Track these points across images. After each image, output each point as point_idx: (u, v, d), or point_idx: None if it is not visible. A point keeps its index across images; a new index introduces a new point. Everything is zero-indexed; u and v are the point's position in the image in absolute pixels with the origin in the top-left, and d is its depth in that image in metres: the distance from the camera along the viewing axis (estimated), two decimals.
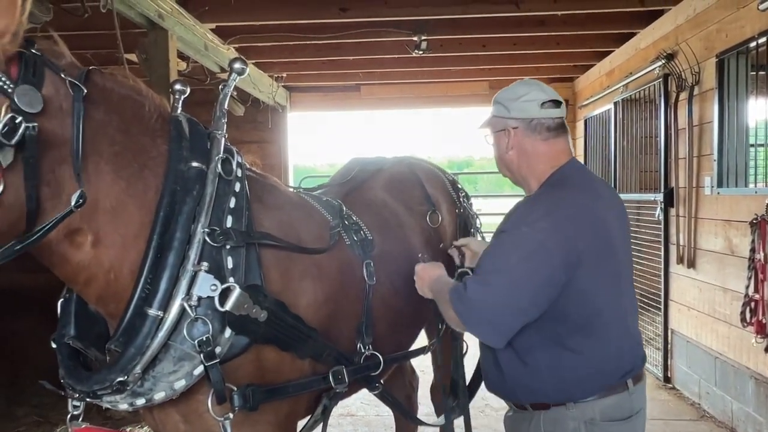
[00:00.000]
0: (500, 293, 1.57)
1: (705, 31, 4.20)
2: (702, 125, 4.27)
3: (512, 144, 1.73)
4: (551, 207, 1.63)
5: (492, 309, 1.59)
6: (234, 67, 1.65)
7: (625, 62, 5.82)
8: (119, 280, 1.41)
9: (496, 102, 1.77)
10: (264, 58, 6.24)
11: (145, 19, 4.11)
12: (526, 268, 1.56)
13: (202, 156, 1.50)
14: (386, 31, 5.33)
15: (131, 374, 1.38)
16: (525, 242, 1.58)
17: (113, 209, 1.38)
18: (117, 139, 1.39)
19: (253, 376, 1.54)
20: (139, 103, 1.46)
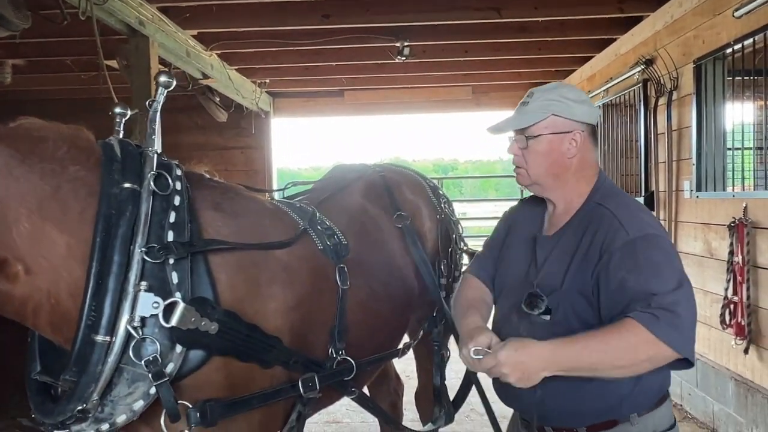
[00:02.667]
0: (692, 300, 1.43)
1: (683, 38, 4.27)
2: (681, 130, 4.34)
3: (578, 148, 1.56)
4: (639, 205, 1.61)
5: (693, 321, 1.42)
6: (160, 81, 1.64)
7: (605, 67, 5.89)
8: (61, 305, 1.43)
9: (554, 100, 1.56)
10: (247, 64, 6.22)
11: (126, 26, 4.09)
12: (682, 268, 1.48)
13: (134, 176, 1.51)
14: (369, 37, 5.34)
15: (89, 401, 1.40)
16: (667, 244, 1.52)
17: (30, 234, 1.39)
18: (13, 166, 1.39)
19: (222, 388, 1.56)
20: (37, 138, 1.46)
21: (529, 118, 1.56)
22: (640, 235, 1.43)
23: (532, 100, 1.58)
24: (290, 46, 5.48)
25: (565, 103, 1.55)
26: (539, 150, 1.56)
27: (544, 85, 1.66)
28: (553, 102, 1.55)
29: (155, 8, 4.31)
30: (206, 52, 5.37)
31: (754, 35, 3.37)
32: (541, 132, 1.55)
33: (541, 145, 1.56)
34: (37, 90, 6.79)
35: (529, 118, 1.57)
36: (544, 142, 1.56)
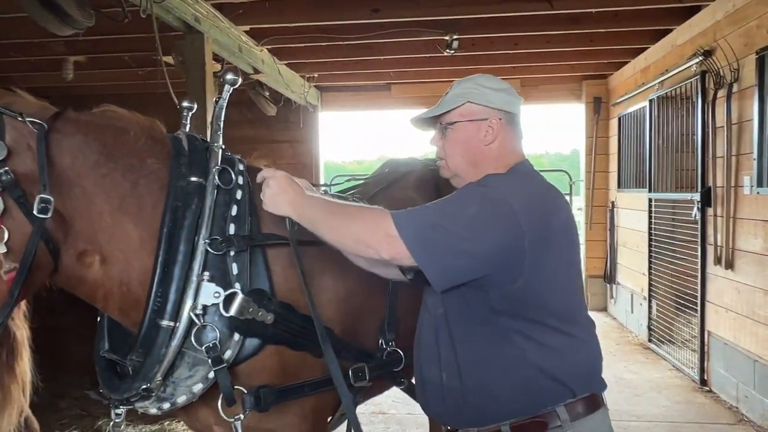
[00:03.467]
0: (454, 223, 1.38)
1: (744, 28, 4.11)
2: (741, 123, 4.18)
3: (495, 136, 1.55)
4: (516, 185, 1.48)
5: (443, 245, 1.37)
6: (227, 79, 1.69)
7: (660, 59, 5.72)
8: (132, 292, 1.51)
9: (470, 88, 1.57)
10: (296, 58, 6.30)
11: (182, 23, 4.20)
12: (485, 211, 1.39)
13: (200, 170, 1.57)
14: (417, 31, 5.34)
15: (153, 381, 1.49)
16: (484, 193, 1.43)
17: (110, 228, 1.47)
18: (102, 162, 1.47)
19: (276, 376, 1.61)
20: (120, 129, 1.54)
21: (444, 106, 1.58)
22: (472, 185, 1.49)
23: (451, 89, 1.60)
24: (340, 40, 5.52)
25: (481, 90, 1.56)
26: (455, 138, 1.57)
27: None
28: (470, 90, 1.57)
29: (210, 5, 4.42)
30: (257, 47, 5.47)
31: None
32: (457, 119, 1.57)
33: (457, 133, 1.57)
34: (96, 85, 7.05)
35: (443, 106, 1.59)
36: (460, 129, 1.57)
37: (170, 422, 4.03)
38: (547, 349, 1.45)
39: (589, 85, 7.64)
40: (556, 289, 1.47)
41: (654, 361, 5.52)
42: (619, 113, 6.94)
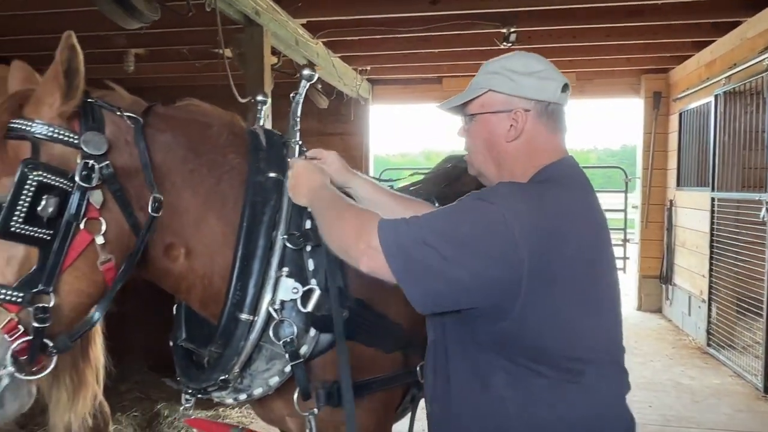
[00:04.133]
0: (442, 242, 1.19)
1: None
2: None
3: (519, 131, 1.33)
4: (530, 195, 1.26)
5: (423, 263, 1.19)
6: (303, 74, 1.69)
7: (728, 53, 5.49)
8: (213, 285, 1.53)
9: (495, 72, 1.35)
10: (350, 51, 6.31)
11: (243, 16, 4.25)
12: (477, 233, 1.20)
13: (278, 166, 1.58)
14: (474, 23, 5.26)
15: (231, 373, 1.51)
16: (482, 211, 1.22)
17: (195, 222, 1.49)
18: (189, 158, 1.49)
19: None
20: (204, 124, 1.56)
21: (465, 95, 1.38)
22: (474, 195, 1.27)
23: (478, 73, 1.39)
24: (396, 33, 5.50)
25: (507, 75, 1.33)
26: (477, 132, 1.38)
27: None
28: (493, 75, 1.34)
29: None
30: (313, 40, 5.49)
31: None
32: (477, 110, 1.36)
33: (478, 126, 1.37)
34: (154, 77, 7.22)
35: (465, 95, 1.38)
36: (481, 122, 1.36)
37: (224, 408, 4.11)
38: (532, 397, 1.25)
39: (648, 80, 7.40)
40: (559, 329, 1.24)
41: (714, 366, 5.32)
42: (680, 109, 6.70)
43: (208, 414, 4.05)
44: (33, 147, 1.25)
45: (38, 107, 1.28)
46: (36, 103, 1.28)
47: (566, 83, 1.36)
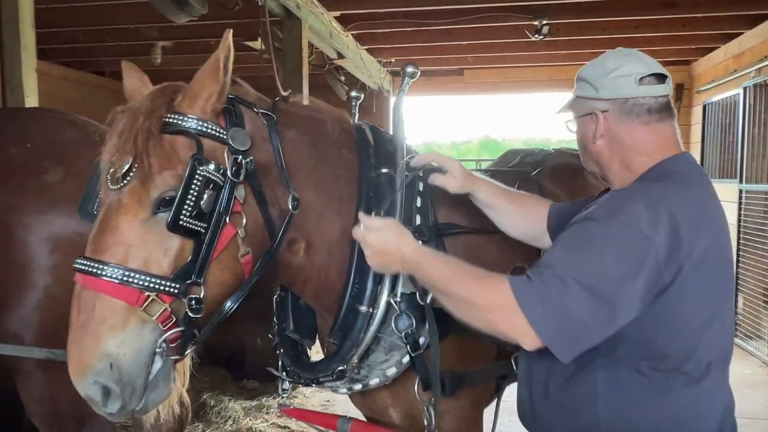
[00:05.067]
0: (587, 297, 1.17)
1: None
2: None
3: (601, 131, 1.37)
4: (652, 200, 1.25)
5: (576, 318, 1.17)
6: (407, 71, 1.71)
7: (758, 45, 5.50)
8: (329, 279, 1.57)
9: (580, 80, 1.43)
10: (377, 44, 6.33)
11: (283, 9, 4.27)
12: (623, 264, 1.19)
13: (389, 161, 1.61)
14: (506, 16, 5.28)
15: (349, 363, 1.55)
16: (621, 233, 1.21)
17: (318, 218, 1.52)
18: (312, 154, 1.53)
19: (454, 361, 1.65)
20: (321, 121, 1.59)
21: (564, 105, 1.50)
22: (602, 216, 1.25)
23: (576, 80, 1.46)
24: (425, 25, 5.52)
25: (585, 81, 1.40)
26: (577, 134, 1.47)
27: None
28: (578, 82, 1.44)
29: None
30: (344, 32, 5.51)
31: None
32: (571, 116, 1.47)
33: (577, 130, 1.47)
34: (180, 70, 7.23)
35: (567, 103, 1.49)
36: (577, 125, 1.46)
37: (267, 398, 4.17)
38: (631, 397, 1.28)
39: (671, 71, 7.29)
40: (686, 332, 1.26)
41: (742, 357, 5.37)
42: (704, 101, 6.72)
43: (252, 404, 4.09)
44: (197, 142, 1.28)
45: (193, 102, 1.31)
46: (191, 98, 1.31)
47: (647, 75, 1.34)
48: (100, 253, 1.24)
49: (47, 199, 1.92)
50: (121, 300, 1.22)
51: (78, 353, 1.22)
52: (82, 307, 1.23)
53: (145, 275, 1.23)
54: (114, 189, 1.26)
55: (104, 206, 1.28)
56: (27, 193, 1.91)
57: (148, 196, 1.25)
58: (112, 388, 1.22)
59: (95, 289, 1.22)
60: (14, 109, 2.47)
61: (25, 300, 1.93)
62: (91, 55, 6.84)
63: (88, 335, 1.21)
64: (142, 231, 1.25)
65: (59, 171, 1.95)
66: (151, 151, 1.25)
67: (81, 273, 1.24)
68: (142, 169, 1.24)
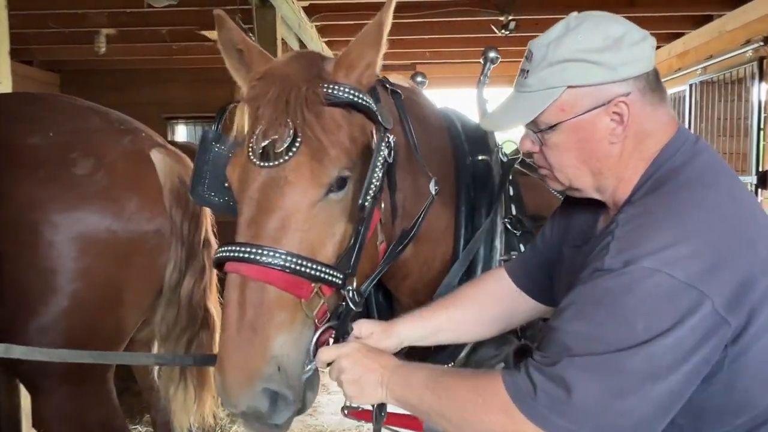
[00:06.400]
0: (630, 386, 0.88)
1: None
2: None
3: (625, 124, 1.00)
4: (683, 222, 0.92)
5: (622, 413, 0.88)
6: (489, 57, 1.69)
7: (703, 45, 5.82)
8: (431, 271, 1.48)
9: (565, 60, 0.98)
10: (338, 36, 6.21)
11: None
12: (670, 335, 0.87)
13: (483, 148, 1.55)
14: (474, 11, 5.31)
15: (457, 359, 1.48)
16: (654, 290, 0.88)
17: (410, 205, 1.38)
18: (423, 140, 1.42)
19: None
20: (420, 104, 1.51)
21: (531, 107, 1.02)
22: (618, 267, 0.90)
23: (532, 67, 1.02)
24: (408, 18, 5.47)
25: (587, 59, 0.97)
26: (561, 144, 1.03)
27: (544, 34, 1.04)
28: (565, 66, 0.98)
29: None
30: (309, 23, 5.36)
31: None
32: (559, 119, 1.01)
33: (561, 137, 1.02)
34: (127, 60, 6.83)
35: (530, 107, 1.02)
36: (565, 131, 1.02)
37: None
38: None
39: None
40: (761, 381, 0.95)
41: None
42: None
43: None
44: (375, 118, 1.16)
45: (349, 72, 1.18)
46: (347, 67, 1.18)
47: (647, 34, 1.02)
48: (263, 238, 1.07)
49: (77, 195, 1.73)
50: (291, 293, 1.07)
51: (244, 357, 1.04)
52: (246, 301, 1.05)
53: (315, 264, 1.08)
54: (269, 165, 1.09)
55: (255, 183, 1.10)
56: (55, 187, 1.71)
57: (324, 175, 1.10)
58: (285, 393, 1.07)
59: (264, 279, 1.05)
60: (25, 94, 2.21)
61: (51, 307, 1.72)
62: (23, 42, 6.30)
63: (257, 335, 1.04)
64: (311, 213, 1.10)
65: (89, 163, 1.76)
66: (317, 124, 1.09)
67: (240, 262, 1.06)
68: (310, 143, 1.09)
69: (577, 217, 1.19)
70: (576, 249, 1.13)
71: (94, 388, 1.84)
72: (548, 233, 1.29)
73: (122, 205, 1.77)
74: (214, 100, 8.89)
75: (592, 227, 1.13)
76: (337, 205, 1.13)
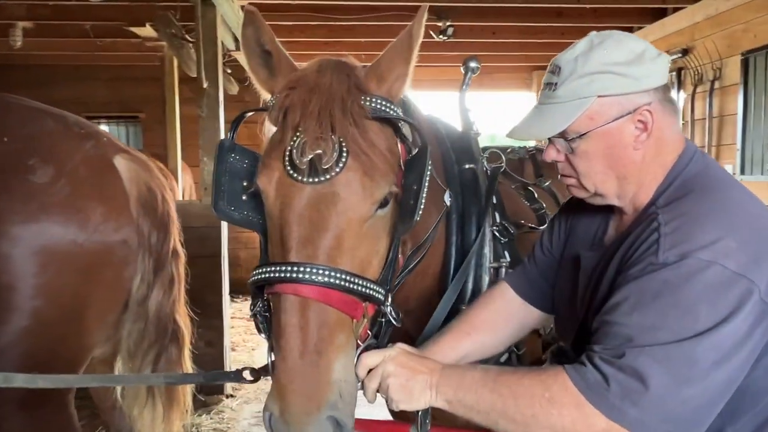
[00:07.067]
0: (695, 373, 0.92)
1: (728, 30, 4.56)
2: (723, 117, 4.66)
3: (649, 131, 1.07)
4: (723, 219, 0.99)
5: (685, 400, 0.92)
6: (470, 66, 1.69)
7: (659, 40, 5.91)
8: (425, 280, 1.47)
9: (594, 73, 1.05)
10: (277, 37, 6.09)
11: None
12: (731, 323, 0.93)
13: (469, 157, 1.57)
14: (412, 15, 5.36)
15: None
16: (712, 280, 0.94)
17: (425, 216, 1.32)
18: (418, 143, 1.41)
19: None
20: (417, 111, 1.47)
21: (563, 116, 1.08)
22: (674, 260, 0.95)
23: (561, 80, 1.09)
24: (330, 20, 5.44)
25: (613, 71, 1.05)
26: (591, 151, 1.09)
27: (568, 49, 1.11)
28: (593, 77, 1.05)
29: None
30: None
31: None
32: (589, 128, 1.07)
33: (590, 145, 1.09)
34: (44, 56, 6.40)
35: (562, 116, 1.08)
36: (594, 139, 1.08)
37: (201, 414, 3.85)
38: None
39: (539, 75, 8.05)
40: None
41: None
42: None
43: None
44: (416, 132, 1.16)
45: (380, 84, 1.15)
46: (378, 79, 1.15)
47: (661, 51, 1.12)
48: (316, 257, 1.02)
49: (38, 205, 1.60)
50: (346, 313, 1.03)
51: (310, 383, 0.98)
52: (309, 324, 1.00)
53: (367, 281, 1.05)
54: (317, 180, 1.04)
55: (302, 200, 1.05)
56: (12, 197, 1.58)
57: (376, 191, 1.07)
58: (345, 421, 1.01)
59: (324, 300, 1.00)
60: None
61: (9, 326, 1.59)
62: None
63: (321, 359, 0.99)
64: (361, 230, 1.07)
65: (49, 170, 1.64)
66: (363, 139, 1.07)
67: (297, 283, 1.00)
68: (359, 158, 1.05)
69: (584, 223, 1.26)
70: (594, 250, 1.18)
71: (54, 413, 1.71)
72: (547, 241, 1.35)
73: (87, 215, 1.66)
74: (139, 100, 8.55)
75: (603, 231, 1.20)
76: (382, 222, 1.12)
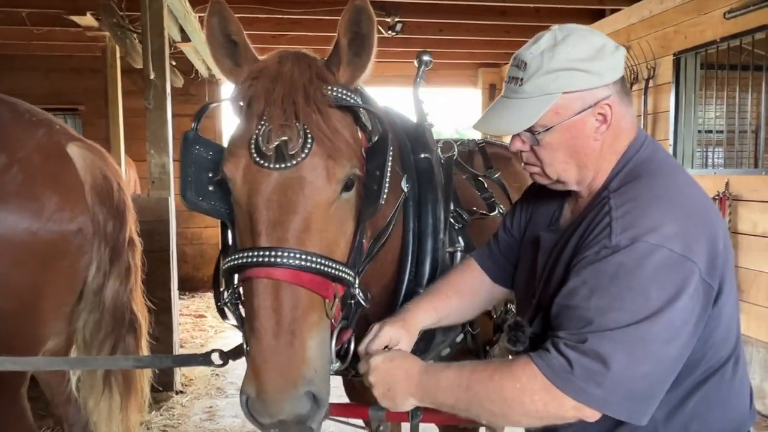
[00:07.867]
0: (651, 351, 1.00)
1: (661, 32, 4.81)
2: (657, 114, 4.91)
3: (609, 123, 1.14)
4: (668, 204, 1.07)
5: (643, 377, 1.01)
6: (424, 60, 1.76)
7: None
8: (383, 266, 1.51)
9: (559, 70, 1.10)
10: None
11: None
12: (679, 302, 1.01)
13: (424, 146, 1.63)
14: None
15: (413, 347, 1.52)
16: (660, 262, 1.01)
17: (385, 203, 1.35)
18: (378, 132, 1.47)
19: None
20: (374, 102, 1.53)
21: (532, 112, 1.13)
22: (626, 244, 1.02)
23: (527, 75, 1.12)
24: (276, 13, 5.42)
25: (578, 68, 1.10)
26: (555, 143, 1.15)
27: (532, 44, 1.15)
28: (559, 74, 1.10)
29: None
30: (194, 14, 5.14)
31: (742, 36, 3.95)
32: (554, 122, 1.13)
33: (555, 137, 1.15)
34: None
35: (530, 112, 1.13)
36: (559, 131, 1.14)
37: None
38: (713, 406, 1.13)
39: (484, 73, 8.23)
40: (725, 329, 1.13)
41: None
42: None
43: None
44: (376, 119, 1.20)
45: (344, 74, 1.21)
46: (338, 71, 1.21)
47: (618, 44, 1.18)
48: (286, 240, 1.07)
49: None
50: (318, 293, 1.08)
51: (286, 362, 1.03)
52: (282, 306, 1.05)
53: (336, 263, 1.11)
54: (284, 166, 1.09)
55: (269, 185, 1.09)
56: None
57: (340, 173, 1.13)
58: (321, 395, 1.08)
59: (297, 282, 1.06)
60: None
61: None
62: None
63: (295, 338, 1.04)
64: (328, 213, 1.13)
65: (1, 158, 1.59)
66: (326, 125, 1.12)
67: (270, 266, 1.05)
68: (323, 144, 1.11)
69: (543, 206, 1.35)
70: (552, 232, 1.26)
71: (7, 405, 1.67)
72: (509, 223, 1.45)
73: (41, 203, 1.63)
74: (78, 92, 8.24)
75: (560, 213, 1.29)
76: (347, 205, 1.18)
